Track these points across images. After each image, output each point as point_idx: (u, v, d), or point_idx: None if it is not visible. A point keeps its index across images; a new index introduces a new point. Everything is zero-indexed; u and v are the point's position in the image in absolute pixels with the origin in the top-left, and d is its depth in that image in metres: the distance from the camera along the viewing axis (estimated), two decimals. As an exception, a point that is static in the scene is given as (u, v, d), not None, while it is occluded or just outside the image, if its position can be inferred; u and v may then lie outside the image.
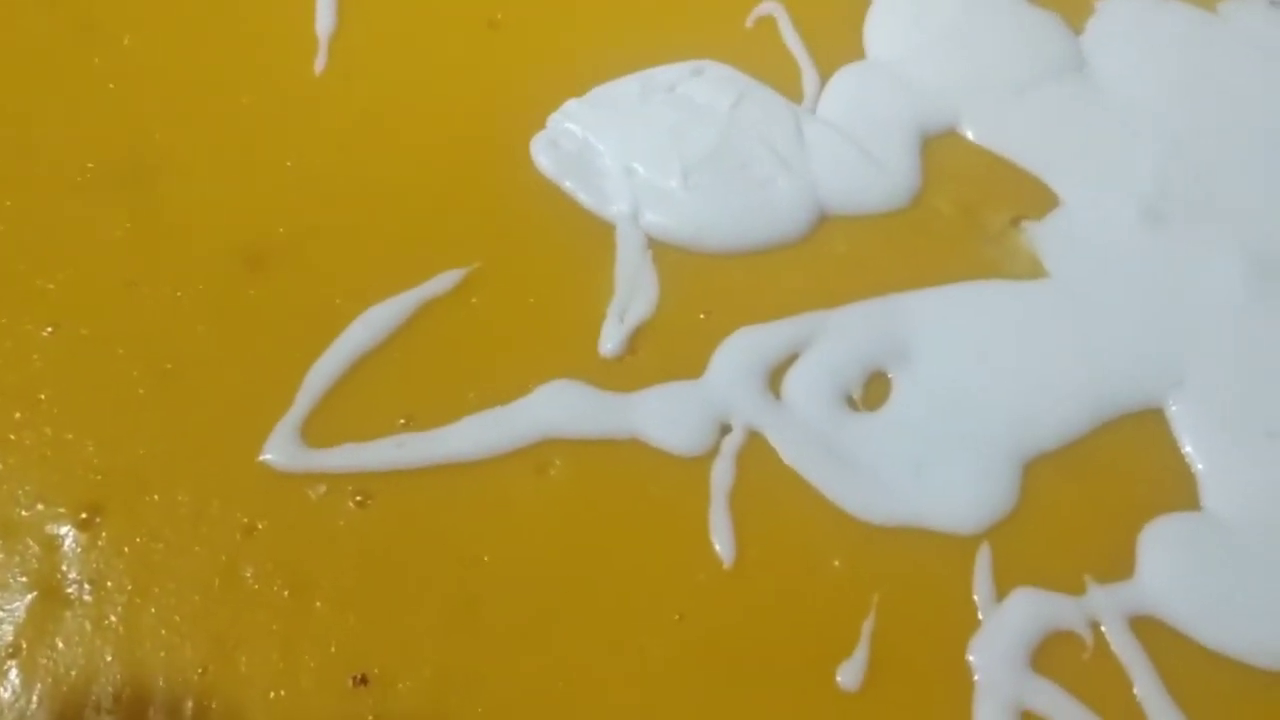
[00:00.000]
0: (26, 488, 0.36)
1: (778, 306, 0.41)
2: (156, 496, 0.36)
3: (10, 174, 0.42)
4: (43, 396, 0.38)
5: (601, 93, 0.46)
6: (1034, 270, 0.42)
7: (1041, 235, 0.43)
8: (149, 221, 0.42)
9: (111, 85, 0.45)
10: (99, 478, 0.36)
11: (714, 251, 0.42)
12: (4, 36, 0.46)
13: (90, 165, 0.43)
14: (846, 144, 0.44)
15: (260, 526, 0.36)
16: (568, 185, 0.43)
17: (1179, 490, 0.39)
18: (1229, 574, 0.37)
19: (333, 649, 0.34)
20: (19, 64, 0.45)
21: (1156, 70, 0.49)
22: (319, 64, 0.46)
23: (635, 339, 0.40)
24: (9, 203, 0.42)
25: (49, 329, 0.39)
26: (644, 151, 0.44)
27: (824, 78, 0.47)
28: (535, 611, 0.35)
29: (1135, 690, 0.35)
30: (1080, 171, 0.45)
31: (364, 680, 0.34)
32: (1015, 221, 0.44)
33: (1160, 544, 0.37)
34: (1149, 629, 0.36)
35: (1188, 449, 0.39)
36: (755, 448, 0.38)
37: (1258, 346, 0.41)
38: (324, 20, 0.47)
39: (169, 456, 0.37)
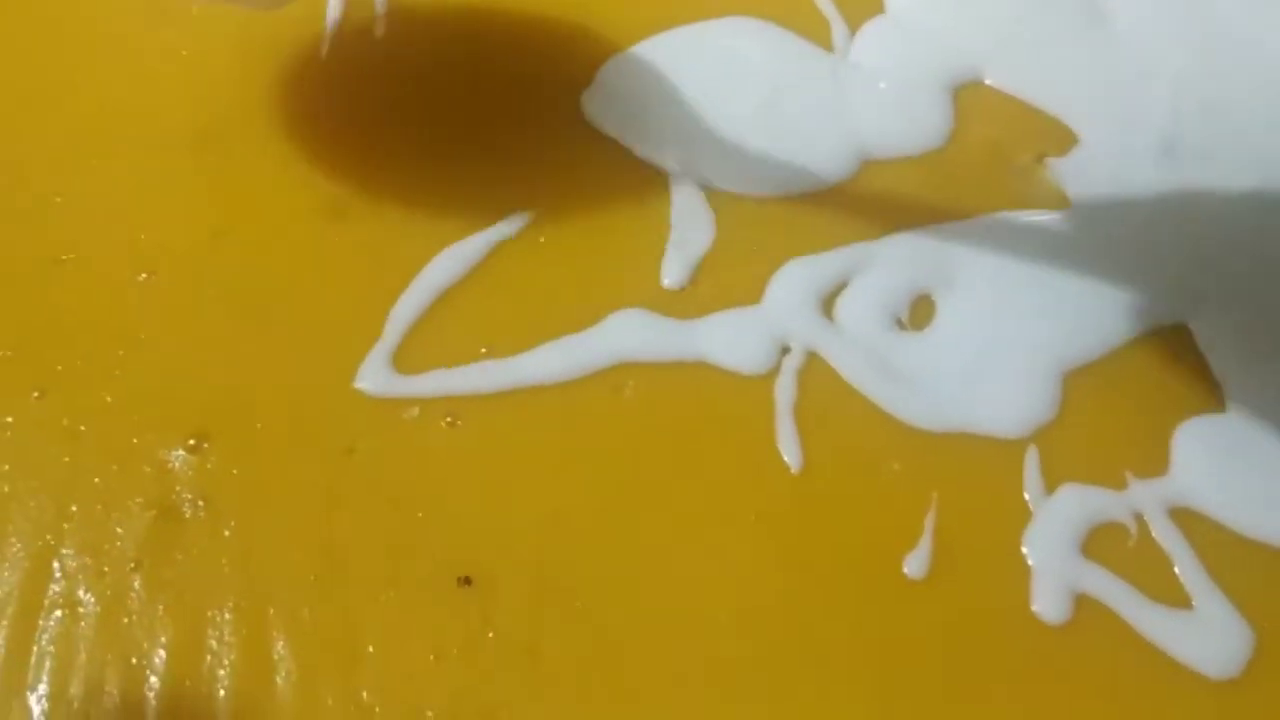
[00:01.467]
0: (135, 417, 0.39)
1: (826, 240, 0.43)
2: (259, 424, 0.39)
3: (94, 139, 0.45)
4: (143, 335, 0.40)
5: (646, 48, 0.48)
6: (1059, 202, 0.45)
7: (1065, 170, 0.46)
8: (231, 178, 0.44)
9: (184, 52, 0.47)
10: (202, 407, 0.39)
11: (763, 196, 0.44)
12: (80, 10, 0.48)
13: (171, 132, 0.45)
14: (881, 93, 0.47)
15: (359, 447, 0.38)
16: (620, 137, 0.46)
17: (1205, 396, 0.41)
18: (1253, 466, 0.40)
19: (436, 554, 0.37)
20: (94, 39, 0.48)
21: (1167, 14, 0.52)
22: (378, 29, 0.48)
23: (695, 272, 0.43)
24: (95, 162, 0.44)
25: (144, 275, 0.41)
26: (691, 105, 0.46)
27: (852, 31, 0.50)
28: (619, 517, 0.38)
29: (1176, 570, 0.38)
30: (1098, 112, 0.48)
31: (468, 581, 0.36)
32: (1040, 159, 0.47)
33: (1191, 442, 0.40)
34: (1186, 518, 0.39)
35: (1211, 358, 0.42)
36: (814, 366, 0.41)
37: (1270, 265, 0.44)
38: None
39: (267, 387, 0.39)
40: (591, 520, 0.38)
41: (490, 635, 0.36)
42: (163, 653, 0.35)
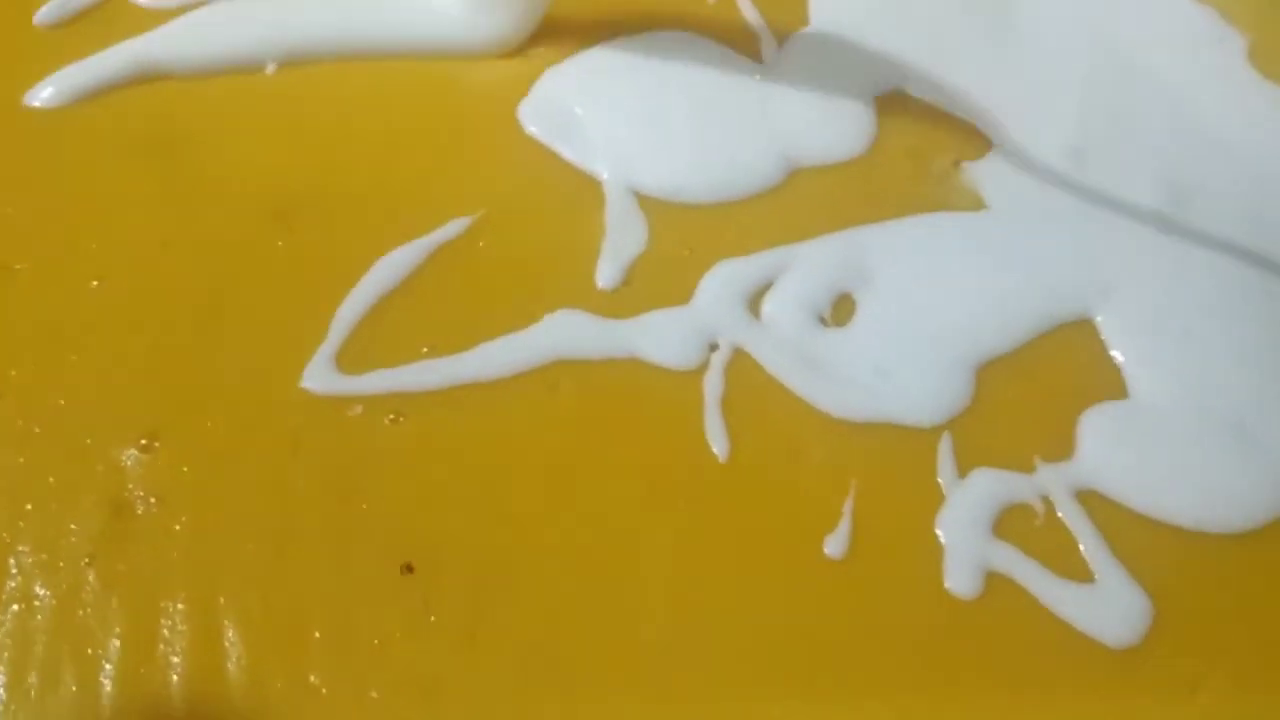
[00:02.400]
0: (88, 419, 0.40)
1: (753, 243, 0.46)
2: (208, 423, 0.40)
3: (47, 146, 0.46)
4: (94, 341, 0.42)
5: (580, 61, 0.50)
6: (975, 204, 0.48)
7: (980, 174, 0.49)
8: (178, 185, 0.46)
9: (134, 67, 0.49)
10: (153, 408, 0.40)
11: (694, 202, 0.46)
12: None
13: (122, 136, 0.47)
14: (808, 102, 0.50)
15: (305, 444, 0.40)
16: (556, 147, 0.48)
17: (1109, 384, 0.44)
18: (1152, 449, 0.42)
19: (380, 544, 0.38)
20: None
21: (1073, 28, 0.55)
22: (323, 43, 0.50)
23: (628, 273, 0.45)
24: (45, 173, 0.46)
25: (95, 282, 0.43)
26: (625, 115, 0.48)
27: (780, 44, 0.52)
28: (555, 508, 0.40)
29: (1081, 549, 0.40)
30: (1011, 118, 0.51)
31: (410, 569, 0.38)
32: (957, 163, 0.49)
33: (1095, 427, 0.43)
34: (1089, 499, 0.41)
35: (1115, 351, 0.45)
36: (740, 361, 0.43)
37: (1170, 263, 0.47)
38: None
39: (216, 388, 0.41)
40: (528, 510, 0.39)
41: (432, 619, 0.37)
42: (117, 643, 0.37)
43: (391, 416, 0.41)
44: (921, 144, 0.50)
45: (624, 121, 0.48)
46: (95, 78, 0.48)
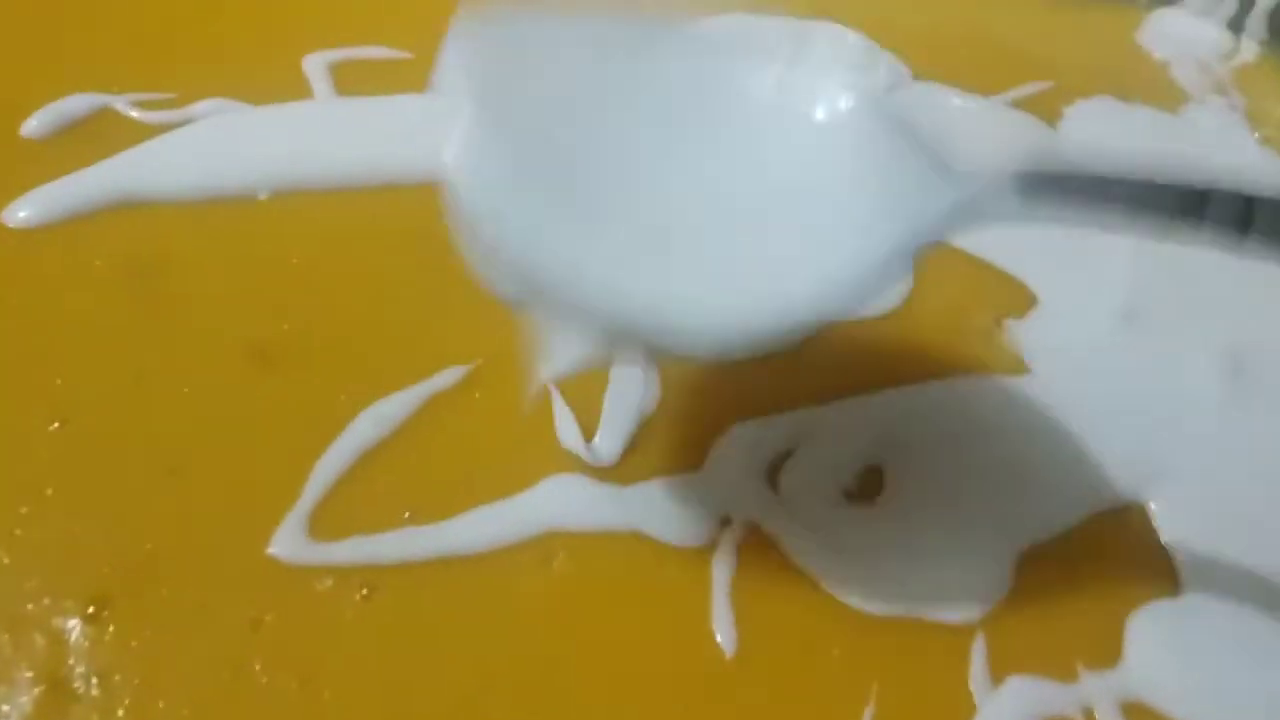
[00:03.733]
0: (32, 582, 0.36)
1: (774, 404, 0.42)
2: (164, 590, 0.37)
3: (17, 269, 0.43)
4: (49, 491, 0.38)
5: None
6: (1017, 367, 0.44)
7: (1023, 334, 0.45)
8: (156, 316, 0.42)
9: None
10: (106, 571, 0.37)
11: (711, 357, 0.43)
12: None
13: (99, 262, 0.44)
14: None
15: (267, 619, 0.36)
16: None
17: (1161, 579, 0.40)
18: (1208, 658, 0.38)
19: (342, 741, 0.34)
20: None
21: (1128, 170, 0.51)
22: (323, 167, 0.47)
23: (635, 435, 0.41)
24: (15, 300, 0.43)
25: (56, 424, 0.40)
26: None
27: (810, 182, 0.49)
28: (540, 704, 0.36)
29: (1129, 774, 0.36)
30: (1059, 272, 0.47)
31: (374, 771, 0.34)
32: (999, 321, 0.45)
33: (1145, 630, 0.38)
34: (1139, 713, 0.37)
35: (1167, 540, 0.40)
36: (754, 540, 0.39)
37: (1233, 441, 0.43)
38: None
39: (176, 550, 0.37)
40: (513, 703, 0.35)
41: (394, 834, 0.33)
42: (41, 842, 0.33)
43: (364, 591, 0.37)
44: (961, 298, 0.46)
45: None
46: (76, 199, 0.45)
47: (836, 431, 0.41)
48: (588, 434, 0.41)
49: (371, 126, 0.49)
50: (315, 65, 0.51)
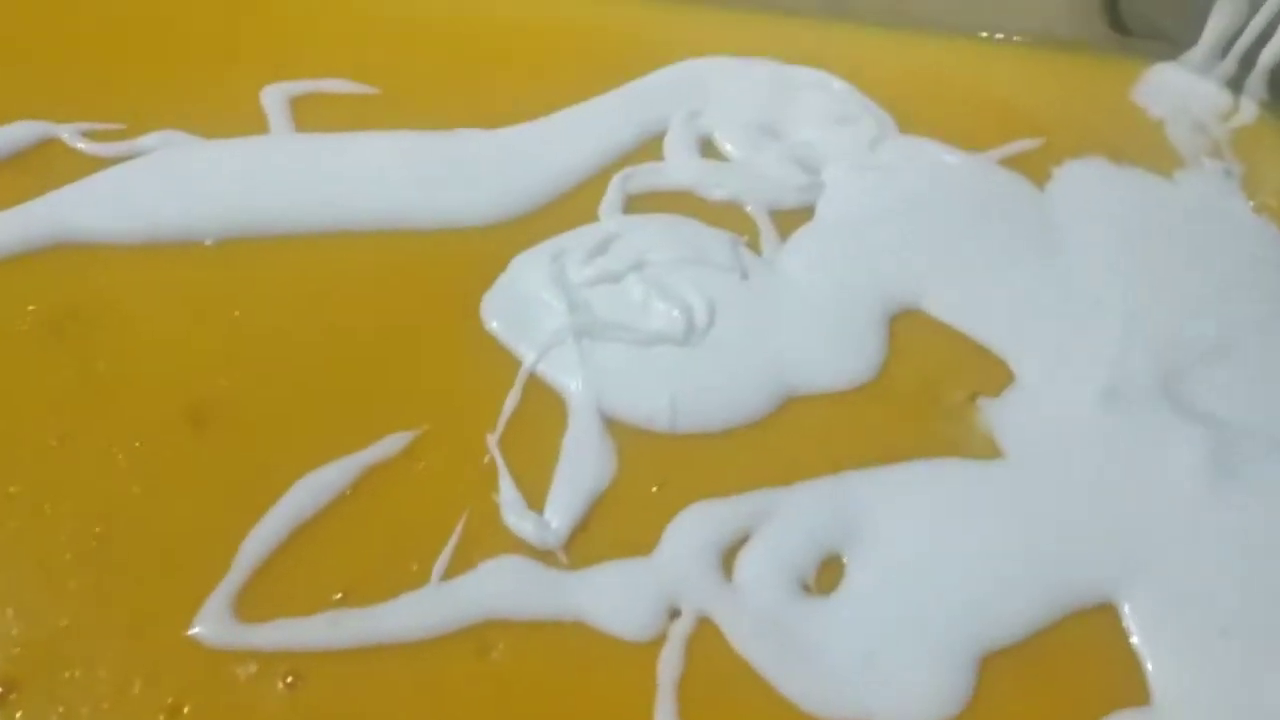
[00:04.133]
0: (-62, 658, 0.34)
1: (734, 482, 0.40)
2: (77, 672, 0.34)
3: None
4: (-38, 557, 0.36)
5: (554, 245, 0.45)
6: (990, 450, 0.42)
7: (998, 413, 0.43)
8: (87, 369, 0.40)
9: (59, 225, 0.44)
10: (16, 650, 0.35)
11: (671, 429, 0.41)
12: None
13: (31, 308, 0.42)
14: (811, 315, 0.44)
15: (186, 709, 0.34)
16: (519, 350, 0.42)
17: (1131, 686, 0.38)
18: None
19: (254, 846, 0.32)
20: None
21: (1117, 241, 0.49)
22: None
23: (583, 513, 0.39)
24: (-61, 347, 0.41)
25: (-27, 484, 0.38)
26: (599, 321, 0.43)
27: (782, 238, 0.47)
28: (469, 807, 0.34)
29: None
30: (1039, 347, 0.45)
31: None
32: (973, 398, 0.43)
33: (1113, 744, 0.36)
34: (1103, 837, 0.35)
35: (1138, 643, 0.38)
36: (705, 634, 0.37)
37: (1214, 539, 0.41)
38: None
39: (93, 628, 0.35)
40: (437, 811, 0.33)
41: None
42: None
43: (289, 679, 0.35)
44: (935, 372, 0.44)
45: (597, 326, 0.43)
46: (11, 237, 0.43)
47: (797, 515, 0.39)
48: (535, 509, 0.39)
49: (330, 166, 0.47)
50: (274, 97, 0.48)
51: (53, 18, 0.50)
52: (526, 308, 0.43)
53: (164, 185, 0.45)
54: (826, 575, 0.39)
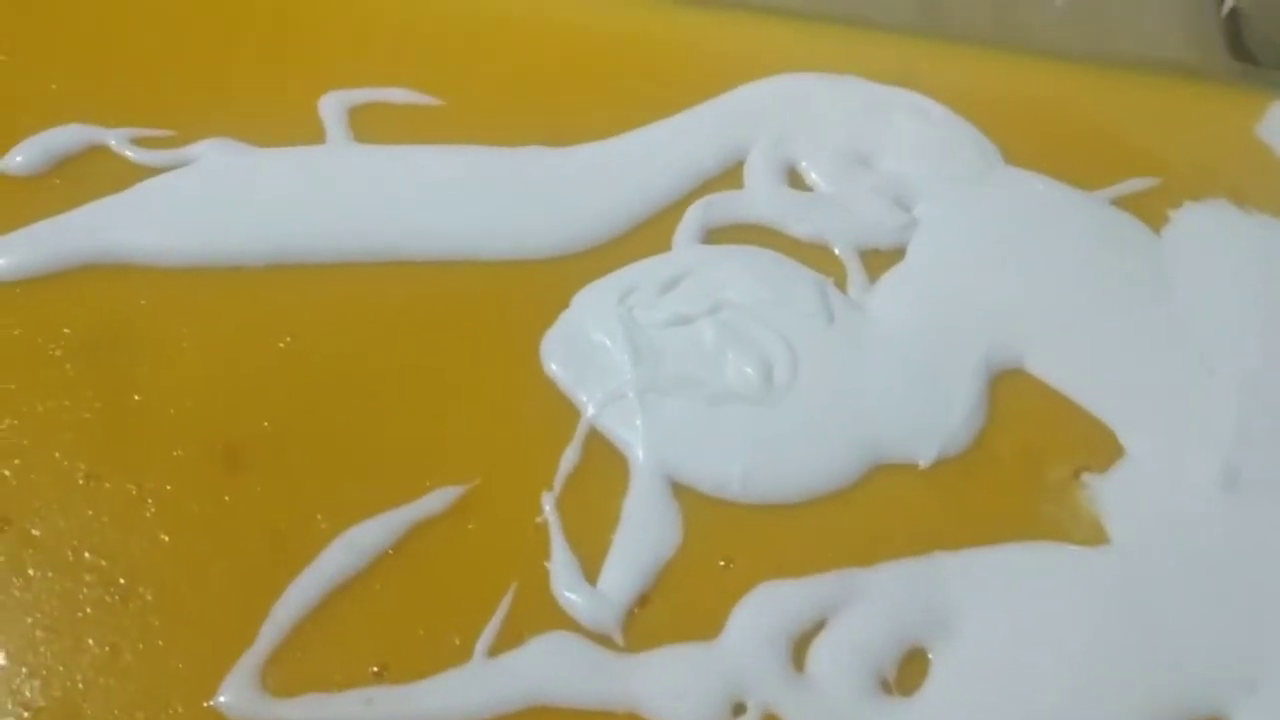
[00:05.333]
0: (-58, 723, 0.32)
1: (810, 560, 0.36)
2: (89, 743, 0.32)
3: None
4: (-25, 610, 0.34)
5: (624, 279, 0.42)
6: (1095, 534, 0.38)
7: (1105, 491, 0.39)
8: (121, 403, 0.38)
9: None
10: (27, 715, 0.32)
11: (740, 503, 0.37)
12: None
13: (67, 331, 0.39)
14: (901, 372, 0.40)
15: (202, 790, 0.32)
16: (581, 399, 0.39)
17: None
18: None
19: None
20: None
21: (1239, 294, 0.45)
22: (328, 232, 0.42)
23: (644, 586, 0.36)
24: (-34, 376, 0.38)
25: (-4, 524, 0.35)
26: (667, 374, 0.39)
27: (871, 280, 0.43)
28: None
29: None
30: (1151, 417, 0.41)
31: None
32: (1077, 474, 0.39)
33: None
34: None
35: (1257, 763, 0.34)
36: (771, 733, 0.34)
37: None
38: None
39: (109, 692, 0.33)
40: None
41: None
42: None
43: (317, 764, 0.32)
44: (1037, 442, 0.40)
45: (668, 379, 0.39)
46: (49, 253, 0.40)
47: (879, 601, 0.36)
48: (591, 581, 0.35)
49: (388, 186, 0.43)
50: (332, 106, 0.45)
51: (103, 17, 0.47)
52: (589, 351, 0.40)
53: (211, 201, 0.42)
54: (908, 672, 0.35)
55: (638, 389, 0.39)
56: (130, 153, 0.43)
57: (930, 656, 0.35)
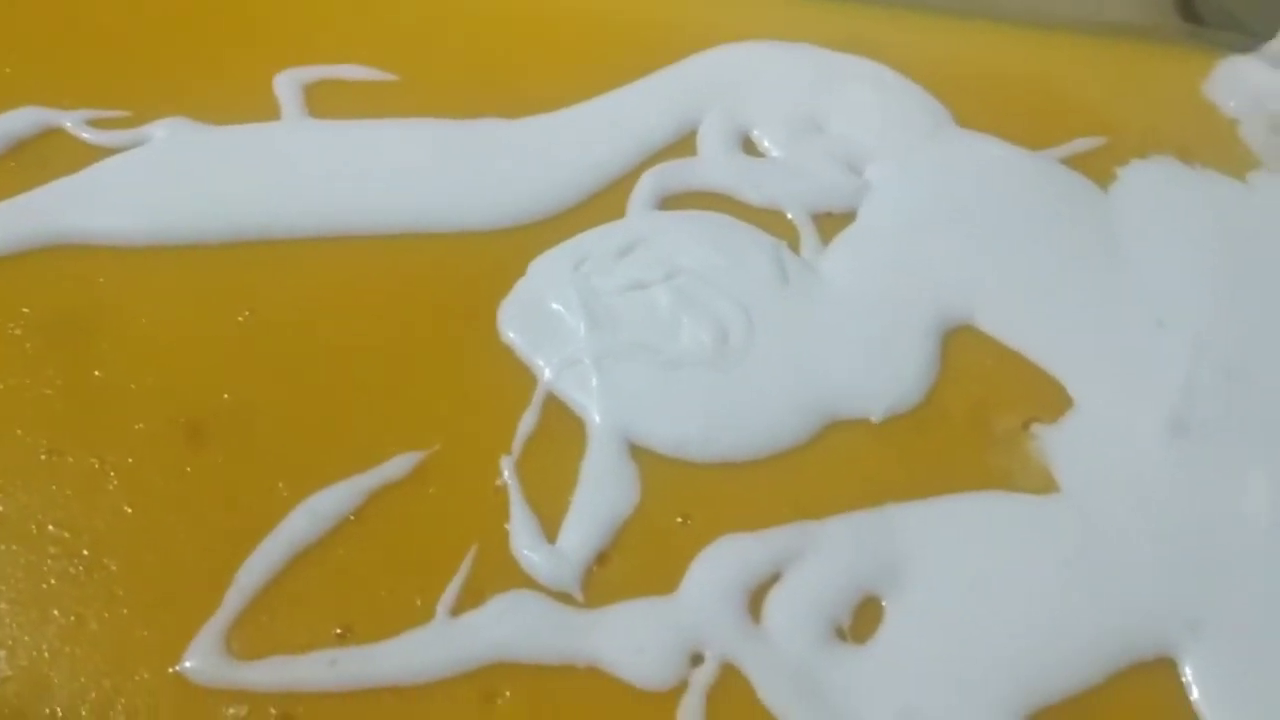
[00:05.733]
0: (-93, 697, 0.33)
1: (765, 514, 0.37)
2: (58, 709, 0.32)
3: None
4: (-59, 581, 0.34)
5: (578, 247, 0.42)
6: (1044, 483, 0.39)
7: (1054, 442, 0.40)
8: (83, 379, 0.38)
9: (56, 220, 0.41)
10: (-7, 685, 0.33)
11: (698, 461, 0.38)
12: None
13: (26, 310, 0.39)
14: (854, 331, 0.41)
15: (169, 752, 0.32)
16: (538, 365, 0.39)
17: (1193, 750, 0.35)
18: None
19: None
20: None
21: (1186, 249, 0.46)
22: (284, 207, 0.42)
23: (602, 545, 0.36)
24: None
25: (-46, 501, 0.36)
26: (622, 341, 0.40)
27: (825, 242, 0.44)
28: None
29: None
30: (1099, 369, 0.41)
31: None
32: (1026, 425, 0.40)
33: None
34: None
35: (1199, 702, 0.35)
36: (729, 683, 0.34)
37: (1283, 587, 0.37)
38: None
39: (76, 660, 0.33)
40: None
41: None
42: None
43: (280, 723, 0.33)
44: (987, 395, 0.41)
45: (622, 343, 0.40)
46: (12, 233, 0.40)
47: (833, 552, 0.37)
48: (550, 540, 0.36)
49: (344, 160, 0.44)
50: (287, 84, 0.46)
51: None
52: (545, 319, 0.41)
53: (167, 180, 0.42)
54: (863, 620, 0.36)
55: (593, 355, 0.39)
56: (86, 134, 0.44)
57: (884, 604, 0.36)
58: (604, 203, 0.44)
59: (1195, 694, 0.35)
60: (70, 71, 0.45)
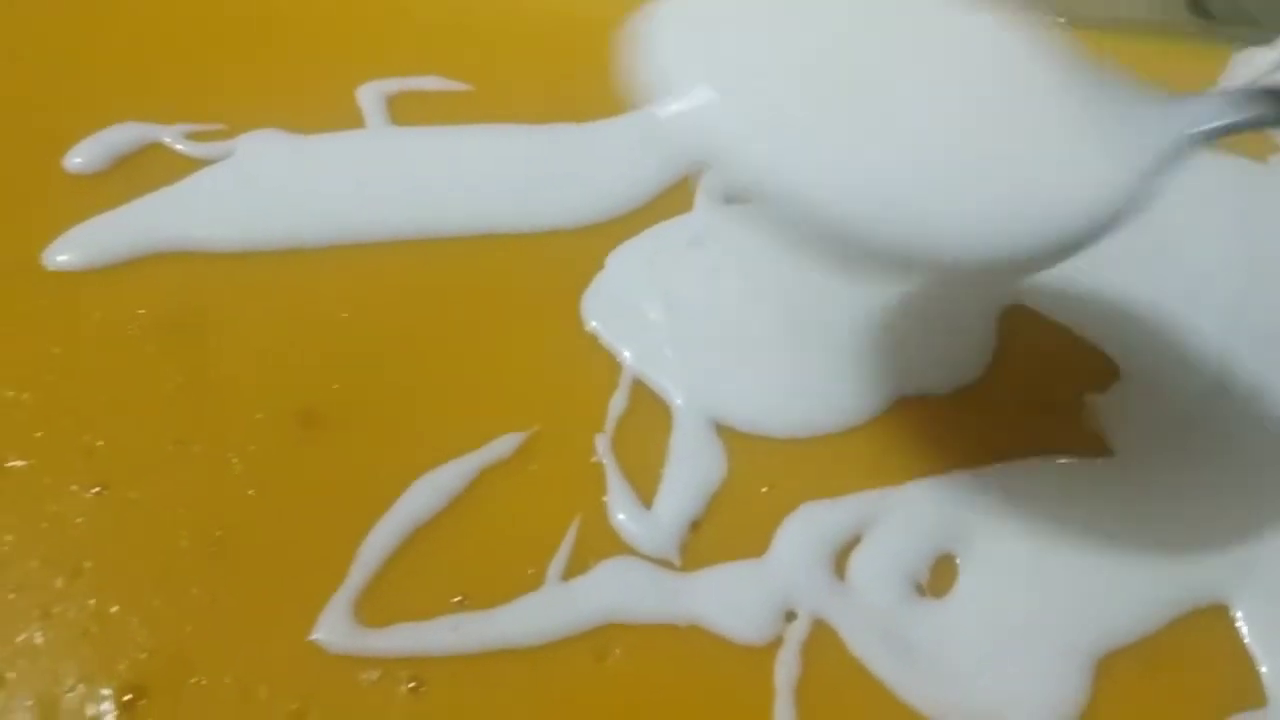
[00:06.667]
0: (68, 664, 0.35)
1: (843, 483, 0.40)
2: (203, 679, 0.35)
3: (59, 323, 0.41)
4: (88, 564, 0.37)
5: (653, 238, 0.45)
6: (1098, 448, 0.42)
7: (1105, 410, 0.43)
8: (199, 374, 0.41)
9: (164, 229, 0.44)
10: (143, 656, 0.35)
11: (776, 437, 0.41)
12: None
13: (142, 312, 0.42)
14: (924, 315, 0.44)
15: (310, 712, 0.35)
16: (621, 351, 0.42)
17: (1246, 689, 0.37)
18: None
19: None
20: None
21: (1214, 227, 0.49)
22: (374, 211, 0.45)
23: (695, 516, 0.39)
24: (57, 350, 0.41)
25: (96, 489, 0.38)
26: (696, 327, 0.43)
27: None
28: (595, 810, 0.34)
29: None
30: (1142, 341, 0.44)
31: None
32: (1079, 396, 0.43)
33: (1233, 747, 0.36)
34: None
35: (1251, 644, 0.38)
36: (820, 637, 0.37)
37: (1327, 536, 0.40)
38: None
39: (216, 634, 0.36)
40: (562, 815, 0.34)
41: None
42: None
43: (412, 684, 0.35)
44: (1041, 371, 0.44)
45: (702, 330, 0.43)
46: (118, 243, 0.43)
47: (908, 515, 0.39)
48: (645, 511, 0.39)
49: (427, 170, 0.47)
50: (370, 96, 0.48)
51: (149, 19, 0.50)
52: (624, 308, 0.43)
53: (263, 188, 0.45)
54: (940, 577, 0.38)
55: (671, 340, 0.42)
56: (183, 146, 0.46)
57: (958, 562, 0.39)
58: (673, 198, 0.47)
59: (1247, 638, 0.38)
60: (167, 89, 0.48)
